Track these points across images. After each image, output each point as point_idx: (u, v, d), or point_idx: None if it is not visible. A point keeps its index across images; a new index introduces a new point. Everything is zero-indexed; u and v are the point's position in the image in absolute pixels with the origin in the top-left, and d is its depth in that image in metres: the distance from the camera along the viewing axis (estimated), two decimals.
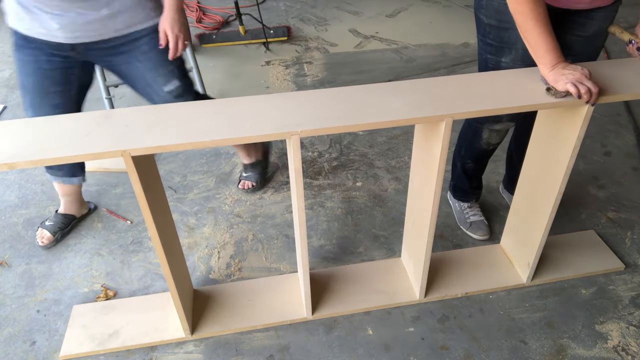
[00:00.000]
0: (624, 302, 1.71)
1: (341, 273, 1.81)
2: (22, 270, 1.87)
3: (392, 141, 2.53)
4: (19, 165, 1.09)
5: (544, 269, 1.79)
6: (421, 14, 4.02)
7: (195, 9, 3.97)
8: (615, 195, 2.16)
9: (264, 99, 1.31)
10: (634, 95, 1.30)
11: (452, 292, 1.73)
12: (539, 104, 1.27)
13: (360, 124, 1.20)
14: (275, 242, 1.98)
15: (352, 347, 1.59)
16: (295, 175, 1.29)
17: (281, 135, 1.18)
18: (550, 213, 1.54)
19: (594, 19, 1.49)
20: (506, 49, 1.53)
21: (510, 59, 1.54)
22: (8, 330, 1.66)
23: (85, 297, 1.77)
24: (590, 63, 1.44)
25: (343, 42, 3.59)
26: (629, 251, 1.89)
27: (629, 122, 2.62)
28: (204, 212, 2.12)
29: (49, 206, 2.15)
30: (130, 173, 1.18)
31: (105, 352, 1.57)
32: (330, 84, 3.08)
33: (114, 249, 1.95)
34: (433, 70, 3.19)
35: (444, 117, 1.23)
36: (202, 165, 2.39)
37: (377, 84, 1.35)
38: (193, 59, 2.67)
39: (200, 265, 1.89)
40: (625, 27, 1.50)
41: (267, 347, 1.59)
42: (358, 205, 2.14)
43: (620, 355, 1.55)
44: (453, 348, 1.58)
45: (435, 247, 1.89)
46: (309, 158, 2.43)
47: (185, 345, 1.60)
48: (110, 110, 1.27)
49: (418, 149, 1.51)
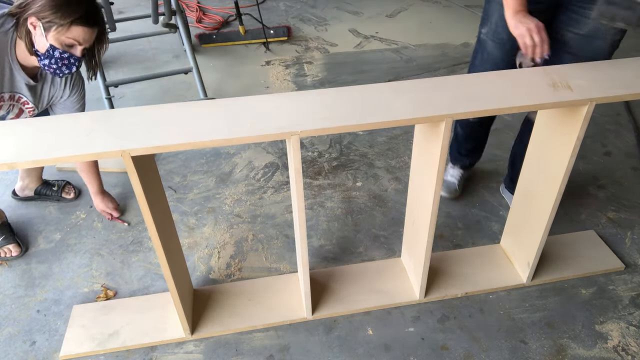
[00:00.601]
0: (624, 302, 1.71)
1: (341, 273, 1.81)
2: (22, 270, 1.87)
3: (392, 141, 2.53)
4: (18, 165, 1.09)
5: (544, 269, 1.79)
6: (421, 14, 4.02)
7: (195, 9, 3.97)
8: (615, 195, 2.16)
9: (264, 99, 1.31)
10: (634, 95, 1.30)
11: (452, 292, 1.73)
12: (539, 104, 1.27)
13: (360, 124, 1.20)
14: (275, 242, 1.98)
15: (352, 347, 1.59)
16: (295, 175, 1.29)
17: (281, 135, 1.18)
18: (550, 213, 1.54)
19: (589, 17, 1.49)
20: (486, 20, 1.63)
21: (486, 30, 1.64)
22: (8, 330, 1.66)
23: (85, 297, 1.77)
24: (590, 63, 1.44)
25: (343, 42, 3.59)
26: (629, 251, 1.89)
27: (629, 122, 2.62)
28: (204, 212, 2.12)
29: (49, 206, 2.15)
30: (130, 173, 1.18)
31: (105, 352, 1.57)
32: (330, 84, 3.08)
33: (114, 249, 1.95)
34: (433, 70, 3.19)
35: (444, 117, 1.23)
36: (202, 165, 2.39)
37: (377, 84, 1.35)
38: (193, 59, 2.67)
39: (200, 265, 1.89)
40: None
41: (267, 347, 1.59)
42: (358, 205, 2.14)
43: (620, 355, 1.55)
44: (453, 348, 1.58)
45: (435, 247, 1.89)
46: (309, 158, 2.43)
47: (185, 345, 1.60)
48: (110, 110, 1.27)
49: (418, 149, 1.51)
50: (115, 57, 3.41)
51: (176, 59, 3.39)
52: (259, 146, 2.51)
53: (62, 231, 2.03)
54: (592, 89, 1.31)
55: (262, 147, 2.50)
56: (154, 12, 2.72)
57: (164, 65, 3.32)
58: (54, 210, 2.14)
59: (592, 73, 1.38)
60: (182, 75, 2.94)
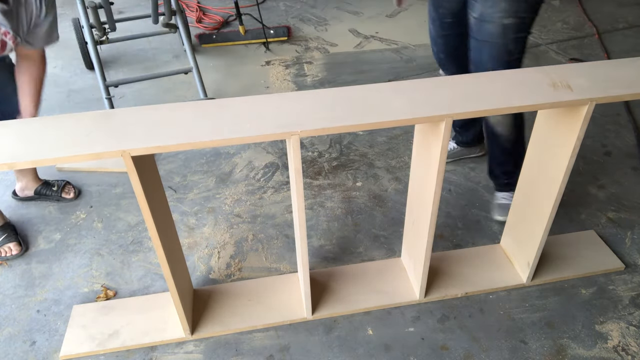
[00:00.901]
0: (624, 302, 1.71)
1: (341, 273, 1.81)
2: (22, 270, 1.87)
3: (392, 141, 2.53)
4: (18, 165, 1.09)
5: (544, 269, 1.79)
6: (421, 14, 4.02)
7: (195, 9, 3.97)
8: (615, 195, 2.16)
9: (264, 99, 1.31)
10: (634, 95, 1.30)
11: (452, 292, 1.73)
12: (539, 103, 1.27)
13: (360, 124, 1.20)
14: (275, 242, 1.98)
15: (352, 347, 1.59)
16: (295, 175, 1.29)
17: (281, 135, 1.18)
18: (550, 213, 1.54)
19: (478, 1, 1.59)
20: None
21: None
22: (8, 330, 1.66)
23: (85, 297, 1.77)
24: (591, 63, 1.44)
25: (343, 42, 3.59)
26: (629, 251, 1.89)
27: (629, 122, 2.62)
28: (204, 212, 2.12)
29: (49, 206, 2.15)
30: (130, 173, 1.18)
31: (105, 352, 1.57)
32: (330, 84, 3.08)
33: (114, 249, 1.95)
34: (433, 70, 3.19)
35: (444, 117, 1.23)
36: (202, 165, 2.39)
37: (377, 84, 1.35)
38: (193, 59, 2.67)
39: (200, 265, 1.89)
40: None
41: (267, 347, 1.59)
42: (358, 205, 2.14)
43: (620, 355, 1.55)
44: (453, 348, 1.58)
45: (435, 247, 1.89)
46: (309, 158, 2.43)
47: (185, 345, 1.60)
48: (110, 110, 1.27)
49: (418, 149, 1.51)
50: (115, 57, 3.41)
51: (176, 59, 3.39)
52: (259, 146, 2.51)
53: (62, 231, 2.03)
54: (592, 89, 1.31)
55: (262, 147, 2.50)
56: (154, 12, 2.72)
57: (164, 65, 3.32)
58: (54, 210, 2.14)
59: (592, 73, 1.38)
60: (182, 75, 2.94)
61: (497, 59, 1.64)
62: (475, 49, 1.69)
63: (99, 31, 2.60)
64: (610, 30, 3.59)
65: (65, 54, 3.41)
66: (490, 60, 1.66)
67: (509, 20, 1.56)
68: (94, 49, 2.55)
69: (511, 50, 1.63)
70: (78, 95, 2.98)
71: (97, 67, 2.51)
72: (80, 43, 3.06)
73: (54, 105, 2.89)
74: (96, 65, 2.52)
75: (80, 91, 3.03)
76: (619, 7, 3.95)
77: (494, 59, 1.65)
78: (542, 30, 3.63)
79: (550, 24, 3.73)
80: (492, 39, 1.61)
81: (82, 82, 3.12)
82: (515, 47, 1.63)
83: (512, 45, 1.62)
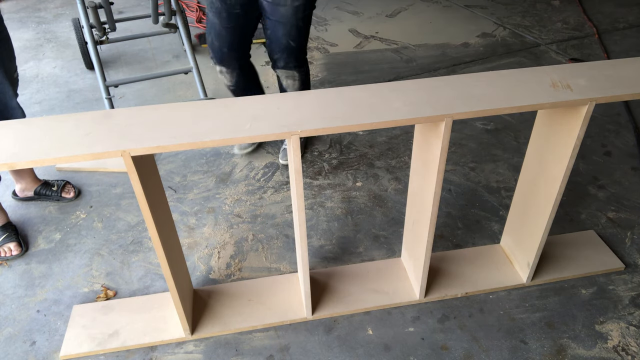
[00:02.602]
0: (624, 302, 1.71)
1: (341, 273, 1.81)
2: (22, 270, 1.87)
3: (392, 141, 2.53)
4: (18, 165, 1.09)
5: (544, 269, 1.79)
6: (421, 14, 4.02)
7: (195, 9, 3.97)
8: (615, 195, 2.16)
9: (264, 99, 1.31)
10: (634, 95, 1.30)
11: (452, 292, 1.73)
12: (539, 103, 1.27)
13: (360, 124, 1.20)
14: (275, 242, 1.98)
15: (352, 347, 1.59)
16: (295, 175, 1.29)
17: (281, 135, 1.18)
18: (550, 213, 1.54)
19: None
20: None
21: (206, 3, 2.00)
22: (8, 330, 1.66)
23: (85, 297, 1.77)
24: (591, 63, 1.44)
25: (343, 42, 3.59)
26: (629, 251, 1.89)
27: (629, 122, 2.62)
28: (204, 212, 2.12)
29: (49, 206, 2.15)
30: (130, 173, 1.18)
31: (105, 352, 1.57)
32: (330, 84, 3.08)
33: (114, 249, 1.95)
34: (433, 70, 3.19)
35: (444, 117, 1.23)
36: (202, 165, 2.39)
37: (377, 84, 1.35)
38: (193, 59, 2.67)
39: (200, 265, 1.89)
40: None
41: (267, 347, 1.59)
42: (358, 205, 2.14)
43: (620, 355, 1.55)
44: (453, 348, 1.58)
45: (435, 247, 1.90)
46: (309, 158, 2.43)
47: (185, 345, 1.60)
48: (110, 110, 1.27)
49: (418, 149, 1.51)
50: (115, 57, 3.41)
51: (176, 59, 3.39)
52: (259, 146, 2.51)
53: (62, 231, 2.03)
54: (592, 89, 1.31)
55: (262, 147, 2.51)
56: (154, 12, 2.72)
57: (164, 65, 3.32)
58: (54, 210, 2.14)
59: (592, 73, 1.38)
60: (182, 75, 2.94)
61: (290, 35, 1.97)
62: (271, 27, 1.98)
63: (99, 31, 2.60)
64: (610, 30, 3.59)
65: (65, 54, 3.41)
66: (284, 36, 1.97)
67: (298, 1, 1.86)
68: (94, 49, 2.55)
69: (301, 27, 1.96)
70: (78, 95, 2.98)
71: (97, 67, 2.51)
72: (80, 43, 3.07)
73: (54, 105, 2.89)
74: (96, 65, 2.52)
75: (80, 91, 3.03)
76: (619, 7, 3.95)
77: (287, 35, 1.97)
78: (542, 30, 3.63)
79: (550, 24, 3.73)
80: (285, 20, 1.91)
81: (82, 82, 3.12)
82: (304, 24, 1.97)
83: (302, 22, 1.95)
